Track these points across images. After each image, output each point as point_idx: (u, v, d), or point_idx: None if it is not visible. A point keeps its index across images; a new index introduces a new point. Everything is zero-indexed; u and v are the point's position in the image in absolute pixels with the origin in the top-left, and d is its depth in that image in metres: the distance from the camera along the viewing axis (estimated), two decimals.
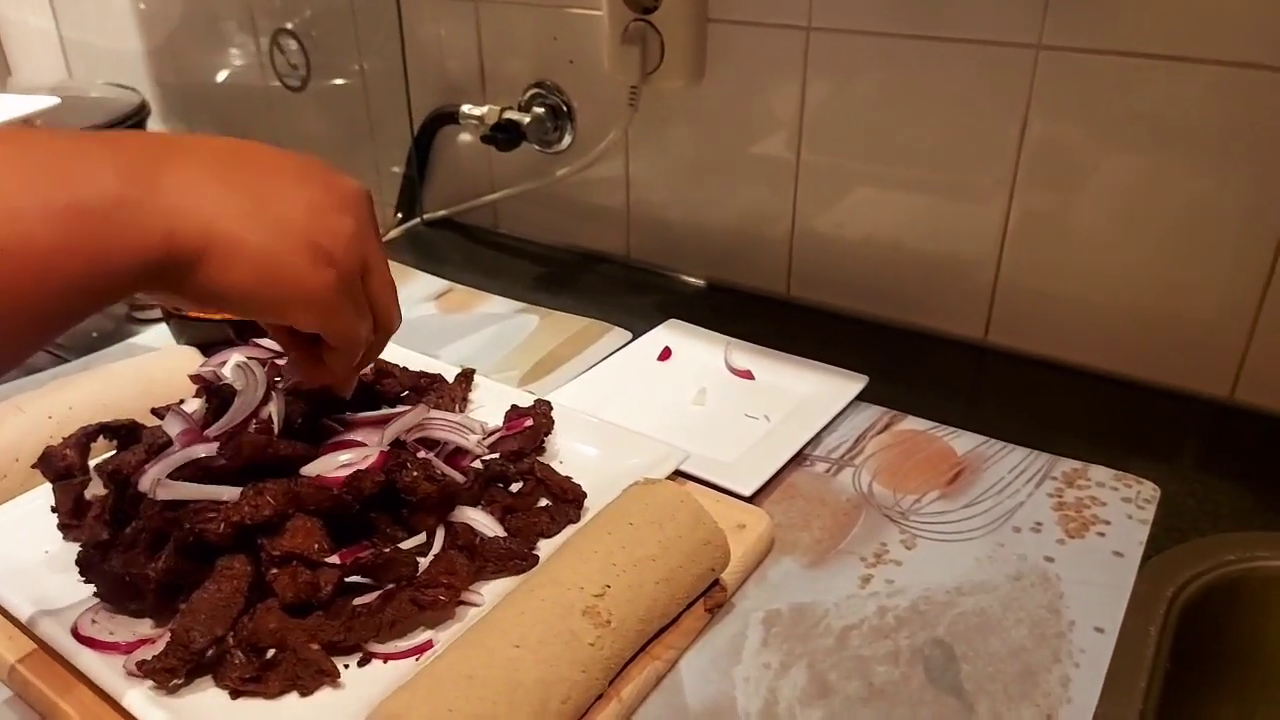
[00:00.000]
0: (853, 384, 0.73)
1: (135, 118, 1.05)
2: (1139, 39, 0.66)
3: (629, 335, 0.83)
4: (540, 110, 0.97)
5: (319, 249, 0.43)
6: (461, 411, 0.66)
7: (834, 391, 0.72)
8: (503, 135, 0.97)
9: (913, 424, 0.70)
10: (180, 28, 1.27)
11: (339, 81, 1.14)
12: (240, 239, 0.40)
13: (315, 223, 0.43)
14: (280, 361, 0.59)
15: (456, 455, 0.58)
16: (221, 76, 1.25)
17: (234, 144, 0.43)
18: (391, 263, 1.00)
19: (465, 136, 1.05)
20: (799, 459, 0.66)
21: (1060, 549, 0.57)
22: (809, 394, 0.73)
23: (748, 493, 0.61)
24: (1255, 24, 0.62)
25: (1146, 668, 0.50)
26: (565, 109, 0.97)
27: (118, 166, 0.37)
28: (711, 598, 0.52)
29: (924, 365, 0.80)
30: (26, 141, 0.37)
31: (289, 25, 1.14)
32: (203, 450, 0.50)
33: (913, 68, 0.75)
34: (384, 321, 0.50)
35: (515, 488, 0.58)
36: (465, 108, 1.00)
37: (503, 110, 0.98)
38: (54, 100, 0.63)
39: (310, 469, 0.50)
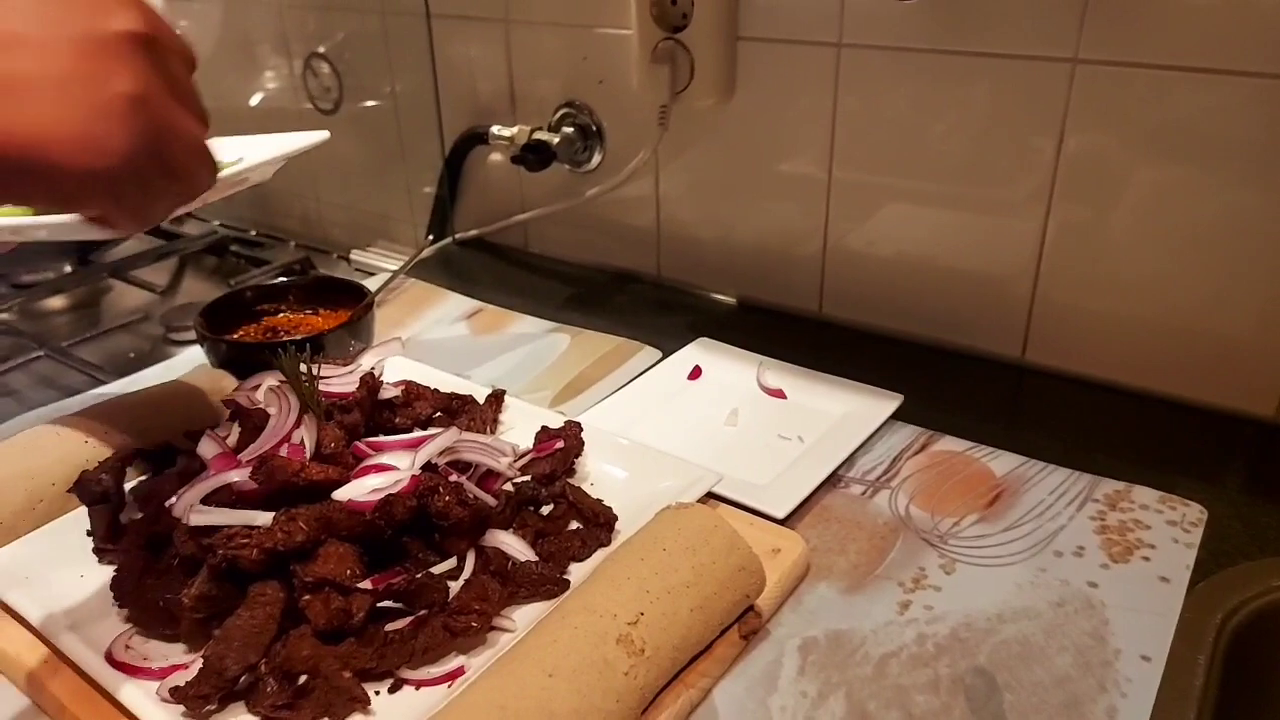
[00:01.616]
0: (888, 403, 0.72)
1: None
2: (1176, 52, 0.65)
3: (659, 354, 0.83)
4: (570, 130, 0.97)
5: (98, 129, 0.32)
6: (492, 433, 0.66)
7: (868, 411, 0.71)
8: (533, 155, 0.97)
9: (950, 444, 0.69)
10: (216, 52, 1.29)
11: (371, 104, 1.15)
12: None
13: (89, 88, 0.31)
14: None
15: (488, 478, 0.58)
16: (255, 100, 1.27)
17: None
18: (422, 283, 1.01)
19: (496, 157, 1.06)
20: (833, 480, 0.65)
21: (1104, 574, 0.56)
22: (843, 414, 0.72)
23: (781, 515, 0.60)
24: None
25: (1195, 698, 0.48)
26: (595, 129, 0.97)
27: None
28: (746, 624, 0.51)
29: (960, 384, 0.79)
30: None
31: (322, 49, 1.15)
32: (236, 475, 0.50)
33: (946, 83, 0.75)
34: (186, 174, 0.38)
35: (546, 510, 0.58)
36: (495, 129, 1.01)
37: (532, 131, 0.98)
38: (324, 135, 0.62)
39: (342, 493, 0.50)
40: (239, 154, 0.57)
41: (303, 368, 0.57)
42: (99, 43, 0.32)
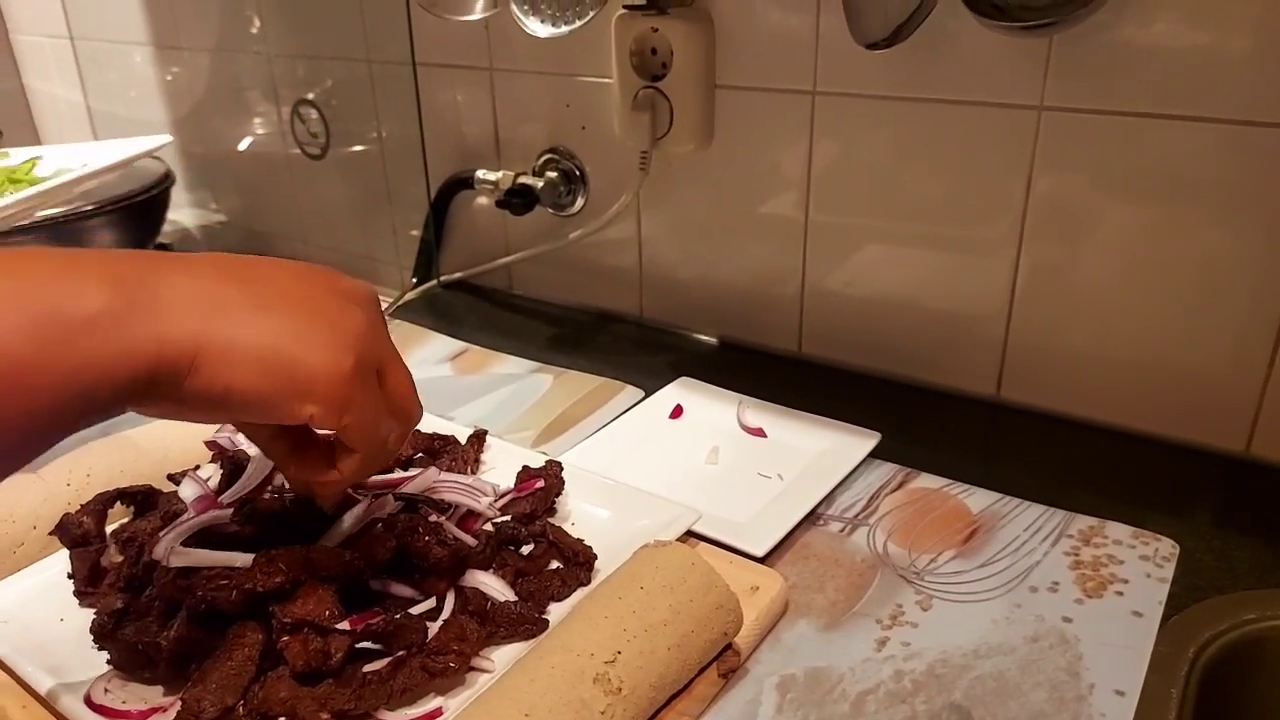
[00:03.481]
0: (865, 441, 0.73)
1: (160, 186, 1.08)
2: (1139, 99, 0.67)
3: (641, 394, 0.84)
4: (553, 175, 0.99)
5: (328, 338, 0.41)
6: (474, 473, 0.67)
7: (847, 449, 0.72)
8: (517, 199, 0.98)
9: (926, 481, 0.70)
10: (205, 99, 1.31)
11: (358, 149, 1.16)
12: (236, 335, 0.39)
13: (322, 313, 0.42)
14: None
15: (468, 518, 0.58)
16: (244, 145, 1.29)
17: (237, 256, 0.43)
18: (407, 324, 1.02)
19: (481, 200, 1.07)
20: (812, 518, 0.66)
21: (1079, 609, 0.57)
22: (822, 452, 0.73)
23: (760, 554, 0.61)
24: (1254, 83, 0.63)
25: None
26: (578, 173, 0.98)
27: (106, 278, 0.37)
28: (725, 662, 0.51)
29: (936, 422, 0.80)
30: (16, 258, 0.36)
31: (310, 96, 1.17)
32: (217, 517, 0.50)
33: (917, 128, 0.77)
34: (405, 417, 0.47)
35: (526, 550, 0.58)
36: (480, 173, 1.02)
37: (517, 175, 1.00)
38: (165, 138, 0.66)
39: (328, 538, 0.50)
40: (83, 160, 0.60)
41: None
42: (340, 289, 0.44)
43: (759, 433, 0.77)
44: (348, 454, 0.46)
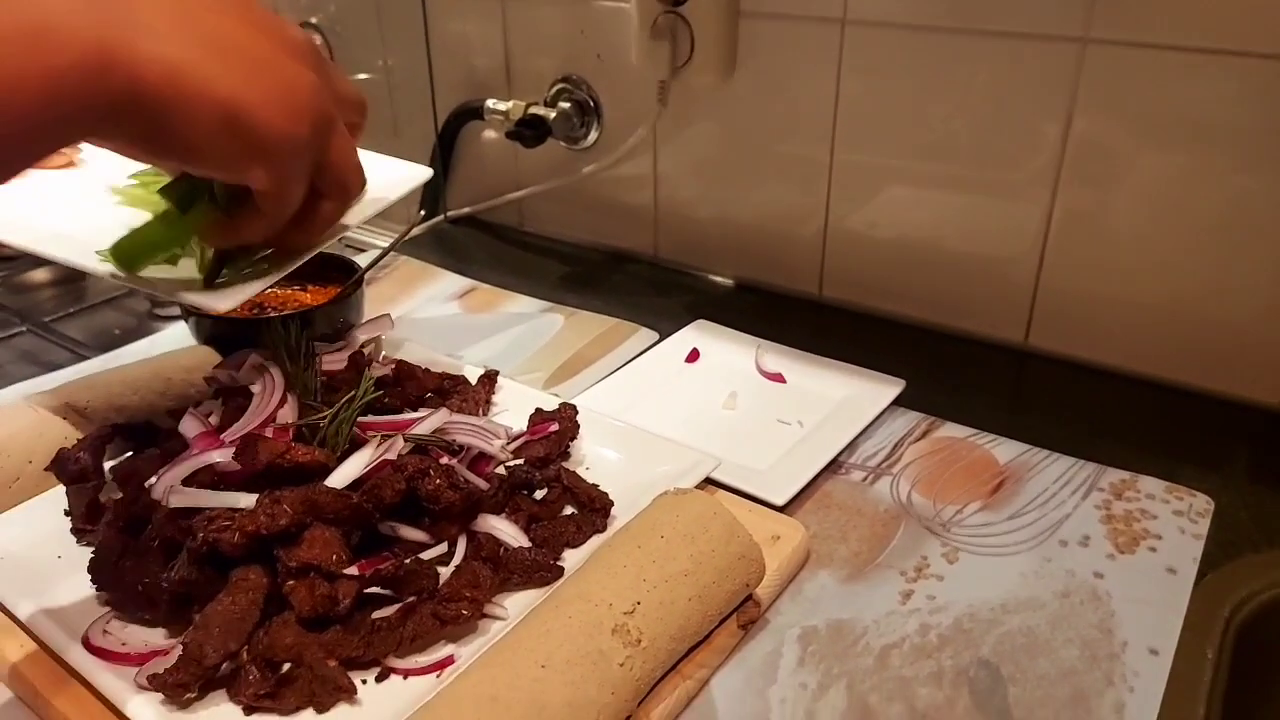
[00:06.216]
0: (889, 388, 0.70)
1: None
2: (1191, 33, 0.63)
3: (656, 336, 0.81)
4: (566, 106, 0.95)
5: (286, 102, 0.42)
6: (485, 415, 0.64)
7: (869, 396, 0.70)
8: (528, 131, 0.95)
9: (952, 430, 0.68)
10: None
11: (363, 77, 1.12)
12: (209, 86, 0.40)
13: (279, 73, 0.42)
14: None
15: (480, 461, 0.56)
16: None
17: None
18: (415, 261, 0.99)
19: (490, 133, 1.04)
20: (834, 467, 0.64)
21: (1110, 564, 0.55)
22: (843, 398, 0.70)
23: (781, 502, 0.59)
24: None
25: (1204, 692, 0.47)
26: (592, 104, 0.95)
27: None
28: (745, 613, 0.49)
29: (962, 369, 0.77)
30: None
31: (314, 19, 1.13)
32: (218, 455, 0.48)
33: (952, 62, 0.73)
34: (341, 183, 0.48)
35: (540, 495, 0.56)
36: (490, 102, 0.98)
37: (528, 105, 0.96)
38: (427, 172, 0.60)
39: (334, 479, 0.48)
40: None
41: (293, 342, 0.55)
42: (289, 43, 0.44)
43: (778, 378, 0.74)
44: (255, 214, 0.46)
